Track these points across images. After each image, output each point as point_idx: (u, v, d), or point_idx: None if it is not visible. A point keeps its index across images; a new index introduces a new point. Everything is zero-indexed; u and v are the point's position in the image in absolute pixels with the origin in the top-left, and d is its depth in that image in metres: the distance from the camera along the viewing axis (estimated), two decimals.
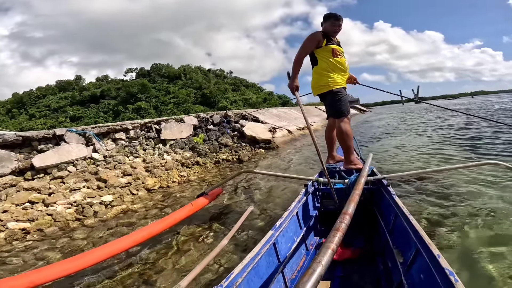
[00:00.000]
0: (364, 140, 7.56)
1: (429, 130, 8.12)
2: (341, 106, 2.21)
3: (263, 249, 1.14)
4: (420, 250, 1.03)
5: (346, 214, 1.04)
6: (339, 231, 0.90)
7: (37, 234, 2.33)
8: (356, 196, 1.25)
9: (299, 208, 1.60)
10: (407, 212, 1.27)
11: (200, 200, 2.29)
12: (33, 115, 36.66)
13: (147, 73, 48.44)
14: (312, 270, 0.70)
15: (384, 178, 1.78)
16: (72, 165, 3.85)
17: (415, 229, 1.11)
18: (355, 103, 62.15)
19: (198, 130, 6.76)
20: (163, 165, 4.58)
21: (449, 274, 0.81)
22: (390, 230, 1.43)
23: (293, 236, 1.49)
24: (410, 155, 4.61)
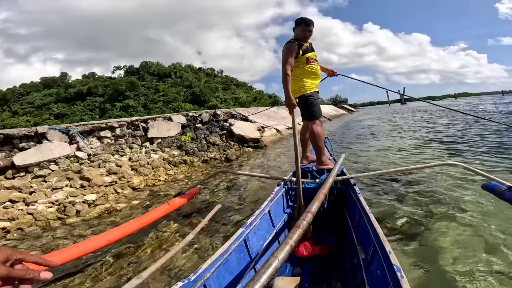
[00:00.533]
0: (347, 141, 7.74)
1: (410, 131, 8.38)
2: (313, 110, 2.32)
3: (232, 246, 1.16)
4: (376, 247, 1.07)
5: (309, 212, 1.07)
6: (299, 228, 0.93)
7: (17, 233, 2.29)
8: (322, 195, 1.27)
9: (271, 206, 1.63)
10: (368, 210, 1.33)
11: (177, 200, 2.31)
12: (16, 112, 35.42)
13: (136, 71, 47.62)
14: (268, 264, 0.73)
15: (351, 178, 1.85)
16: (54, 163, 3.78)
17: (374, 226, 1.16)
18: (343, 103, 63.09)
19: (187, 128, 6.74)
20: (150, 163, 4.55)
21: (397, 270, 0.84)
22: (355, 228, 1.49)
23: (265, 234, 1.52)
24: (390, 156, 4.77)
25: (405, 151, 5.05)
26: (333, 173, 1.71)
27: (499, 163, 3.43)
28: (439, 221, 1.94)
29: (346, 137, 8.46)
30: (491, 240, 1.66)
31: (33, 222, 2.45)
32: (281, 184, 1.90)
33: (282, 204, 1.85)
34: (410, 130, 8.53)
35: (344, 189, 1.89)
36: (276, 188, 1.82)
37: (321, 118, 2.37)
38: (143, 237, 2.07)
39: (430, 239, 1.72)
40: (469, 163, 3.54)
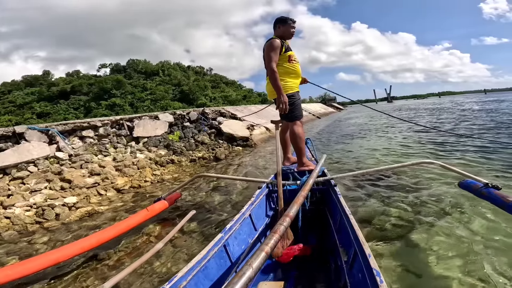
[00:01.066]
0: (336, 140, 7.83)
1: (398, 129, 8.56)
2: (294, 110, 2.26)
3: (211, 252, 1.13)
4: (357, 250, 1.06)
5: (287, 216, 1.04)
6: (276, 234, 0.90)
7: None
8: (301, 198, 1.25)
9: (252, 210, 1.59)
10: (349, 211, 1.32)
11: (157, 205, 2.25)
12: None
13: (122, 69, 46.48)
14: (242, 273, 0.70)
15: (332, 179, 1.83)
16: (33, 164, 3.62)
17: (354, 229, 1.15)
18: (332, 101, 63.86)
19: (174, 127, 6.62)
20: (135, 163, 4.43)
21: (376, 275, 0.84)
22: (337, 229, 1.47)
23: (247, 238, 1.48)
24: (378, 156, 4.85)
25: (392, 150, 5.14)
26: (313, 174, 1.69)
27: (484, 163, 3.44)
28: (419, 222, 1.94)
29: (335, 135, 8.55)
30: (470, 239, 1.68)
31: (10, 226, 2.33)
32: (263, 186, 1.86)
33: (264, 207, 1.80)
34: (397, 128, 8.70)
35: (326, 189, 1.87)
36: (257, 191, 1.77)
37: (302, 119, 2.33)
38: (118, 245, 1.96)
39: (409, 240, 1.72)
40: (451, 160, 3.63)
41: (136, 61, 47.98)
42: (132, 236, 2.09)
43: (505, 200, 1.50)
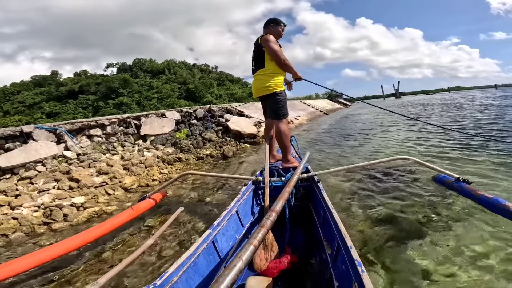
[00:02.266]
0: (347, 137, 7.64)
1: (405, 126, 8.32)
2: (282, 109, 2.35)
3: (200, 248, 1.14)
4: (339, 243, 1.10)
5: (273, 211, 1.07)
6: (263, 228, 0.93)
7: (1, 240, 2.12)
8: (286, 194, 1.29)
9: (238, 207, 1.61)
10: (331, 206, 1.36)
11: (142, 204, 2.23)
12: (7, 112, 34.66)
13: (128, 68, 46.82)
14: (232, 265, 0.73)
15: (315, 175, 1.88)
16: (41, 164, 3.59)
17: (337, 223, 1.19)
18: (339, 98, 63.06)
19: (181, 125, 6.55)
20: (143, 162, 4.38)
21: (358, 265, 0.87)
22: (321, 224, 1.51)
23: (235, 234, 1.51)
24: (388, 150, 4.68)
25: (410, 147, 4.96)
26: (297, 171, 1.74)
27: None
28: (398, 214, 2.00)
29: (346, 132, 8.36)
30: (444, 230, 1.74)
31: (18, 228, 2.29)
32: (249, 183, 1.89)
33: (250, 204, 1.84)
34: (409, 125, 8.45)
35: (310, 186, 1.92)
36: (243, 188, 1.81)
37: (288, 117, 2.43)
38: (103, 244, 1.95)
39: (389, 232, 1.77)
40: None
41: (142, 60, 48.27)
42: (120, 235, 2.07)
43: (475, 193, 1.67)
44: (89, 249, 1.89)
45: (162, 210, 2.58)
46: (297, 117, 12.86)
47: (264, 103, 2.48)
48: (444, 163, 3.25)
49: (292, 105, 17.17)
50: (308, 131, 9.46)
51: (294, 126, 10.89)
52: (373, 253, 1.56)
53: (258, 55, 2.35)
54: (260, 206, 1.91)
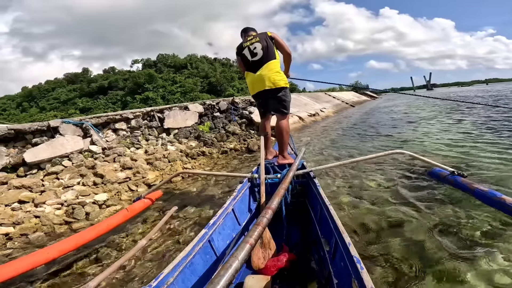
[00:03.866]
0: (385, 126, 7.03)
1: (456, 119, 7.48)
2: (289, 104, 2.42)
3: (196, 247, 1.12)
4: (337, 240, 1.08)
5: (269, 208, 1.06)
6: (259, 226, 0.92)
7: (19, 241, 2.02)
8: (282, 191, 1.28)
9: (234, 205, 1.58)
10: (328, 202, 1.34)
11: (137, 205, 2.20)
12: (43, 108, 37.23)
13: (153, 64, 48.07)
14: (228, 265, 0.72)
15: (311, 171, 1.85)
16: (67, 159, 3.55)
17: (334, 219, 1.16)
18: (364, 90, 60.20)
19: (204, 117, 6.37)
20: (166, 156, 4.23)
21: (357, 262, 0.86)
22: (318, 221, 1.48)
23: (231, 233, 1.48)
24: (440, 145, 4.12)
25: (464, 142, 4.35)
26: (293, 167, 1.73)
27: None
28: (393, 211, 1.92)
29: (383, 124, 7.70)
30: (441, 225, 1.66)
31: (39, 227, 2.19)
32: (244, 181, 1.86)
33: (247, 202, 1.81)
34: (455, 117, 7.60)
35: (306, 182, 1.90)
36: (239, 186, 1.78)
37: None
38: (96, 246, 1.87)
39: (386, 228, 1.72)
40: None
41: (165, 55, 49.29)
42: (113, 236, 2.00)
43: (470, 186, 1.68)
44: (82, 251, 1.81)
45: (157, 209, 2.49)
46: (323, 110, 12.26)
47: (267, 98, 2.42)
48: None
49: (317, 97, 16.48)
50: (335, 122, 8.90)
51: (320, 119, 10.35)
52: (371, 249, 1.51)
53: (267, 47, 2.36)
54: (256, 203, 1.88)
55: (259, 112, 2.67)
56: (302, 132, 7.38)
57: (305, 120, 8.88)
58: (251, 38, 2.43)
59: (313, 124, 9.07)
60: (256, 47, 2.36)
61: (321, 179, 2.83)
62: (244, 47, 2.42)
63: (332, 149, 4.61)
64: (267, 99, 2.42)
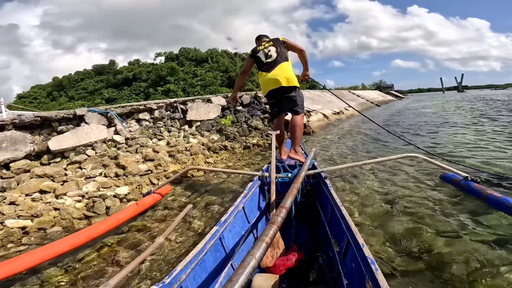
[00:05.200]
0: (422, 129, 6.49)
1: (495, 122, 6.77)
2: (302, 103, 2.53)
3: (208, 245, 1.12)
4: (350, 240, 1.07)
5: (283, 207, 1.06)
6: (274, 225, 0.93)
7: (36, 236, 1.90)
8: (294, 190, 1.28)
9: (245, 202, 1.58)
10: (340, 203, 1.33)
11: (146, 199, 2.22)
12: (72, 97, 39.03)
13: (175, 57, 48.74)
14: (246, 263, 0.74)
15: (322, 172, 1.85)
16: (91, 148, 3.49)
17: (346, 220, 1.16)
18: (389, 89, 57.57)
19: (226, 111, 6.19)
20: (188, 149, 4.09)
21: (371, 263, 0.86)
22: (328, 221, 1.48)
23: (241, 230, 1.49)
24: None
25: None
26: (304, 167, 1.74)
27: None
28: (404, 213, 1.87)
29: (418, 125, 7.14)
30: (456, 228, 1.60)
31: (58, 221, 2.08)
32: (254, 179, 1.87)
33: (256, 200, 1.81)
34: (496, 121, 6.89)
35: (316, 182, 1.90)
36: (249, 184, 1.78)
37: None
38: (108, 241, 1.81)
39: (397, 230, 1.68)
40: None
41: (187, 49, 49.78)
42: (124, 231, 1.95)
43: (483, 192, 1.68)
44: (92, 245, 1.76)
45: (168, 205, 2.43)
46: (347, 108, 11.69)
47: (280, 97, 2.49)
48: None
49: (340, 95, 15.84)
50: (362, 121, 8.38)
51: (345, 117, 9.86)
52: (383, 251, 1.47)
53: (280, 50, 2.52)
54: (265, 201, 1.88)
55: (271, 111, 2.74)
56: (327, 130, 7.00)
57: (329, 118, 8.46)
58: (265, 43, 2.61)
59: (338, 122, 8.63)
60: (270, 50, 2.53)
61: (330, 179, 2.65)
62: (258, 51, 2.58)
63: (357, 151, 4.25)
64: (281, 98, 2.50)
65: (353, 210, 2.02)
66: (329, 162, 3.62)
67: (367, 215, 1.92)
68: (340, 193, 2.42)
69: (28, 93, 43.60)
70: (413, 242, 1.53)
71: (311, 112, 7.70)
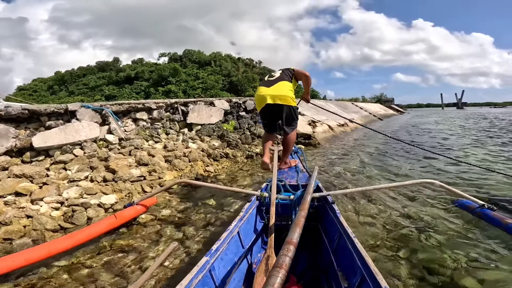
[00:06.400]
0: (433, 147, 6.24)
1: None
2: (296, 121, 2.59)
3: (195, 280, 0.96)
4: (366, 279, 0.96)
5: (291, 244, 0.88)
6: (282, 269, 0.76)
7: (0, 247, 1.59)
8: (302, 219, 1.11)
9: (240, 226, 1.42)
10: (352, 234, 1.19)
11: (127, 212, 1.97)
12: (72, 92, 38.69)
13: (179, 58, 48.78)
14: None
15: (329, 195, 1.69)
16: (79, 147, 3.17)
17: (361, 254, 1.04)
18: (390, 102, 57.96)
19: (229, 116, 5.90)
20: (187, 155, 3.78)
21: None
22: (334, 250, 1.36)
23: (234, 257, 1.34)
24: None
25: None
26: (309, 189, 1.55)
27: None
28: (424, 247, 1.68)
29: (429, 144, 6.90)
30: None
31: (28, 231, 1.76)
32: (252, 199, 1.69)
33: (253, 222, 1.64)
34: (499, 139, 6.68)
35: (320, 206, 1.74)
36: (247, 205, 1.60)
37: None
38: (70, 258, 1.55)
39: None
40: None
41: (191, 51, 49.92)
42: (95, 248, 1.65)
43: (503, 221, 1.59)
44: (53, 261, 1.53)
45: None
46: (352, 120, 11.48)
47: (274, 112, 2.46)
48: None
49: (344, 106, 15.68)
50: (366, 134, 8.13)
51: (349, 130, 9.61)
52: None
53: (286, 73, 2.57)
54: (263, 223, 1.73)
55: (263, 128, 2.73)
56: (332, 142, 6.73)
57: (334, 130, 8.21)
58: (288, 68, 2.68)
59: (343, 135, 8.38)
60: (276, 72, 2.65)
61: None
62: (266, 75, 2.73)
63: (366, 170, 3.97)
64: (275, 115, 2.47)
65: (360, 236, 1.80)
66: (337, 181, 3.32)
67: (379, 244, 1.73)
68: (346, 214, 2.22)
69: (29, 86, 43.24)
70: None
71: (316, 123, 7.44)
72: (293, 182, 2.01)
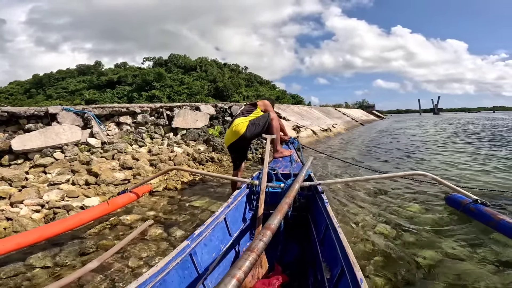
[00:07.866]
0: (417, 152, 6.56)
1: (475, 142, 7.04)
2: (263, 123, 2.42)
3: (172, 263, 0.95)
4: (344, 270, 0.95)
5: (268, 229, 0.90)
6: (253, 253, 0.76)
7: None
8: (285, 206, 1.13)
9: (227, 213, 1.42)
10: (337, 224, 1.18)
11: (120, 199, 2.01)
12: (50, 96, 37.18)
13: (164, 63, 48.26)
14: None
15: (319, 184, 1.68)
16: (60, 151, 3.11)
17: (342, 245, 1.02)
18: (371, 108, 60.24)
19: (215, 121, 5.95)
20: (172, 159, 3.79)
21: None
22: (320, 241, 1.36)
23: (219, 244, 1.32)
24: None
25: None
26: (299, 178, 1.57)
27: None
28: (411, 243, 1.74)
29: (415, 148, 7.24)
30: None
31: (9, 233, 1.72)
32: (242, 186, 1.71)
33: (242, 210, 1.63)
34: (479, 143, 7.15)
35: (311, 195, 1.73)
36: (236, 192, 1.62)
37: None
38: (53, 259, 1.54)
39: None
40: None
41: (177, 55, 49.57)
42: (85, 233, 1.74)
43: (495, 217, 1.56)
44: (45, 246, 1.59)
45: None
46: (335, 125, 11.84)
47: (239, 145, 2.44)
48: None
49: (328, 112, 16.12)
50: (347, 141, 8.44)
51: (333, 135, 9.91)
52: None
53: (250, 106, 2.57)
54: (252, 212, 1.70)
55: (234, 163, 2.66)
56: (315, 146, 6.93)
57: (318, 134, 8.44)
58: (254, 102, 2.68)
59: (327, 139, 8.63)
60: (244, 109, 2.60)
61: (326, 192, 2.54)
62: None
63: (356, 166, 4.15)
64: (240, 144, 2.43)
65: (348, 230, 1.87)
66: (325, 178, 3.46)
67: (365, 239, 1.77)
68: (336, 208, 2.27)
69: (5, 89, 41.17)
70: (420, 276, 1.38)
71: (300, 128, 7.64)
72: (285, 171, 1.96)
